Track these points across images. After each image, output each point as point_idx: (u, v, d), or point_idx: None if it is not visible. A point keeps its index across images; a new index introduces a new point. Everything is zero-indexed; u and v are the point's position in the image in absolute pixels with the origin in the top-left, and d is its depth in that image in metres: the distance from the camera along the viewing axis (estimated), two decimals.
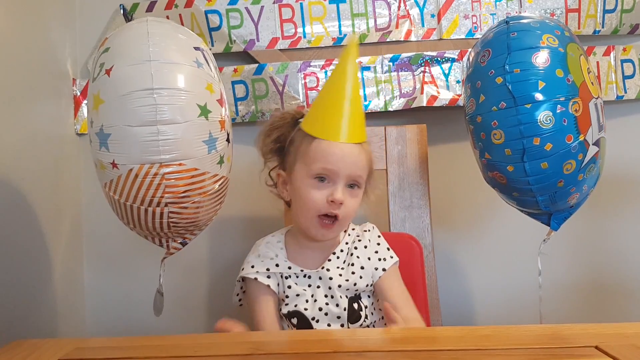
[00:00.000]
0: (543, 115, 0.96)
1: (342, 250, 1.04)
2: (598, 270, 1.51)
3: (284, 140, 1.04)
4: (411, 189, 1.30)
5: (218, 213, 1.06)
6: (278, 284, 1.01)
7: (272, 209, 1.49)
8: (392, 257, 1.04)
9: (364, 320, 1.01)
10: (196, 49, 0.96)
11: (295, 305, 0.99)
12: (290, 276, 1.01)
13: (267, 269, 1.01)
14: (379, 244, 1.06)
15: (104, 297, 1.53)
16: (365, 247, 1.04)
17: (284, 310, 1.00)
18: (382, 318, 1.04)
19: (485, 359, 0.68)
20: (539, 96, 0.96)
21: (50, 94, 1.38)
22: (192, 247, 1.32)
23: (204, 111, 0.92)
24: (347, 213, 0.97)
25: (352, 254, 1.03)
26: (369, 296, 1.03)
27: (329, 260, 1.02)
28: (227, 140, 0.99)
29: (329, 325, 0.98)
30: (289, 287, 1.00)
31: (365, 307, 1.02)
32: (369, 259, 1.03)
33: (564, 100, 0.97)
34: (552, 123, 0.96)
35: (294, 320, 0.99)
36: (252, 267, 1.02)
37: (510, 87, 0.97)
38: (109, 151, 0.90)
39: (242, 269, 1.03)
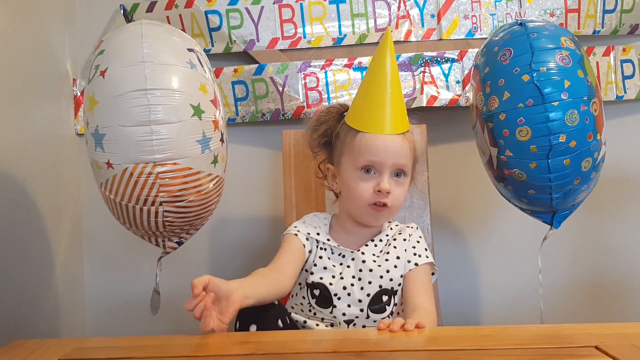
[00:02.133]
0: (569, 113, 0.98)
1: (381, 240, 1.06)
2: (598, 270, 1.51)
3: (330, 134, 1.07)
4: (411, 189, 1.29)
5: (218, 213, 1.06)
6: (310, 251, 1.04)
7: (272, 209, 1.50)
8: (427, 257, 1.04)
9: (388, 317, 1.01)
10: (190, 50, 0.97)
11: (321, 278, 1.01)
12: (325, 249, 1.04)
13: (308, 233, 1.04)
14: (418, 241, 1.07)
15: (104, 297, 1.53)
16: (405, 239, 1.06)
17: (309, 279, 1.02)
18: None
19: (485, 359, 0.68)
20: (565, 95, 0.99)
21: (50, 94, 1.38)
22: (192, 247, 1.32)
23: (198, 111, 0.93)
24: (395, 201, 1.00)
25: (390, 244, 1.05)
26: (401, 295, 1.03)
27: (366, 245, 1.05)
28: (221, 140, 0.99)
29: (348, 306, 0.99)
30: (320, 257, 1.03)
31: (395, 304, 1.02)
32: (405, 250, 1.04)
33: (587, 100, 1.00)
34: (577, 121, 0.99)
35: (316, 292, 1.01)
36: (295, 227, 1.06)
37: (538, 85, 0.98)
38: (104, 151, 0.92)
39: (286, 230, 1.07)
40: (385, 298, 1.01)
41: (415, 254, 1.04)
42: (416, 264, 1.03)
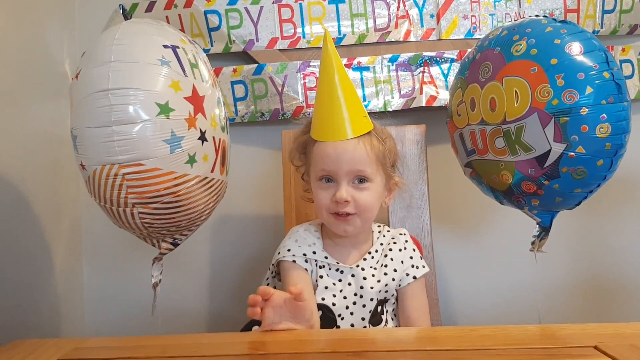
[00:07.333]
0: (631, 113, 0.99)
1: (377, 251, 1.03)
2: (597, 270, 1.52)
3: (305, 147, 1.05)
4: (411, 189, 1.30)
5: (218, 213, 1.05)
6: (312, 272, 1.00)
7: (272, 209, 1.50)
8: (424, 267, 1.04)
9: (385, 325, 1.00)
10: (166, 46, 0.93)
11: (323, 299, 0.98)
12: (324, 266, 1.00)
13: (304, 254, 1.00)
14: (414, 250, 1.06)
15: (103, 296, 1.53)
16: (400, 250, 1.04)
17: None
18: (398, 325, 1.03)
19: (485, 359, 0.68)
20: (629, 95, 1.00)
21: (49, 94, 1.38)
22: (192, 247, 1.32)
23: (165, 110, 0.89)
24: (360, 208, 0.96)
25: (386, 255, 1.03)
26: (393, 302, 1.03)
27: (364, 259, 1.02)
28: (201, 139, 0.95)
29: (351, 325, 0.97)
30: (321, 276, 0.99)
31: (387, 311, 1.01)
32: (402, 262, 1.03)
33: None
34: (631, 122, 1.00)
35: (319, 313, 0.98)
36: (289, 250, 1.00)
37: (620, 83, 0.98)
38: (78, 153, 0.92)
39: (278, 253, 1.01)
40: (379, 308, 1.00)
41: (413, 266, 1.03)
42: (414, 277, 1.01)
